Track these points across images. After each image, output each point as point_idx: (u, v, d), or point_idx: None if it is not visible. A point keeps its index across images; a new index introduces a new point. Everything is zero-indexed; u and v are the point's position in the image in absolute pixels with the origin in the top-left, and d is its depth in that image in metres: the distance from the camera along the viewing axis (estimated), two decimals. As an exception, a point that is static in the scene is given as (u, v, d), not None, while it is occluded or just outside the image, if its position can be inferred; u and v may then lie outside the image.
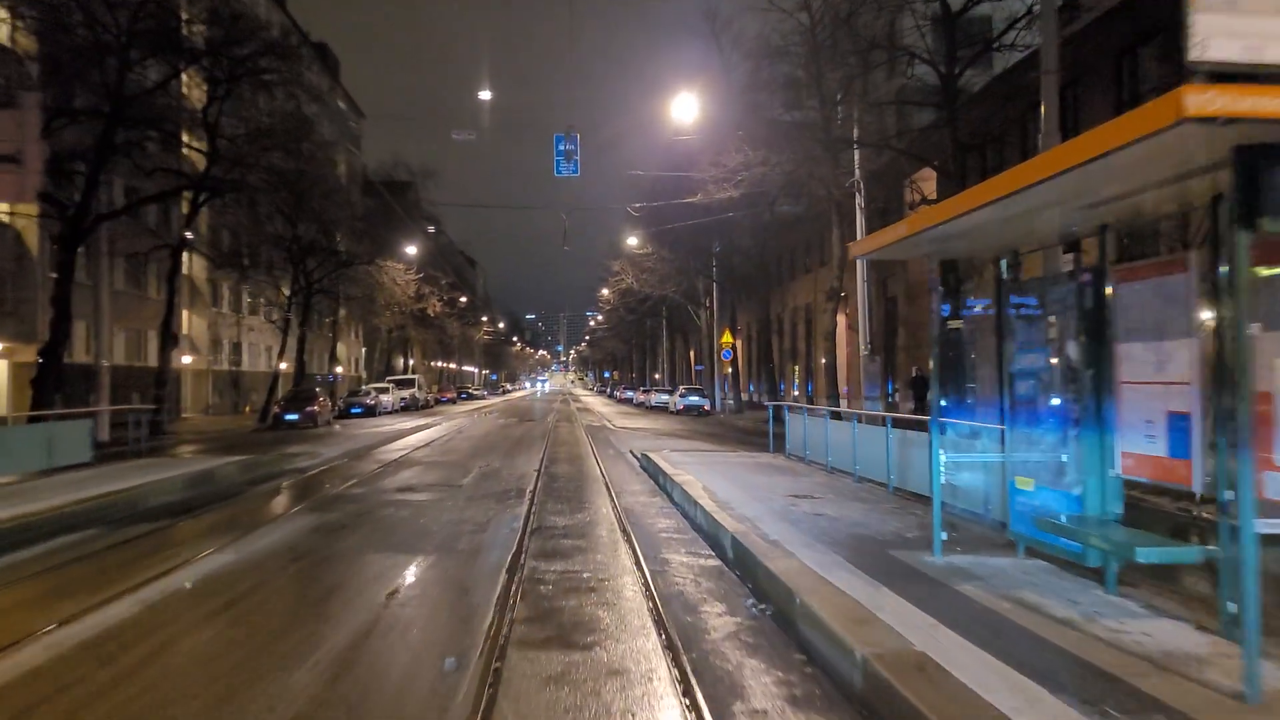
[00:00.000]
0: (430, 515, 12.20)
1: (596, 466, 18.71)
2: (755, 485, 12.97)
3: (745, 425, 38.92)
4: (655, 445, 23.40)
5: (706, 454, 18.98)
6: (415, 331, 70.06)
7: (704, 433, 33.31)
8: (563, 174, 28.57)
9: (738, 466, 15.81)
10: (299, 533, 10.93)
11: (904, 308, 42.03)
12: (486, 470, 18.16)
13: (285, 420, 37.91)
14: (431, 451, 23.31)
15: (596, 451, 22.49)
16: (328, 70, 79.00)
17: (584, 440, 27.16)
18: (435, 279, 62.23)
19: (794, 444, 17.68)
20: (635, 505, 12.87)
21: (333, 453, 22.82)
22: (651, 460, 17.08)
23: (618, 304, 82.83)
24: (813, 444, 16.18)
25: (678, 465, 15.61)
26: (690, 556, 9.31)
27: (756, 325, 65.34)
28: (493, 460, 20.41)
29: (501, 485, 15.58)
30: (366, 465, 19.50)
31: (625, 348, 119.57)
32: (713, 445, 24.23)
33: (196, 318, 49.63)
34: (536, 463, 19.52)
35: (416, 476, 17.20)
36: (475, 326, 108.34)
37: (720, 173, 30.22)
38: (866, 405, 28.16)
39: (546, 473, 17.55)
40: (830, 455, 14.85)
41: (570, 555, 9.36)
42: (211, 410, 50.18)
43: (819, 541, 8.60)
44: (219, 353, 52.53)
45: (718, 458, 17.85)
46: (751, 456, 18.33)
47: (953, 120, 24.26)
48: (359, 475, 17.28)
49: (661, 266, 55.53)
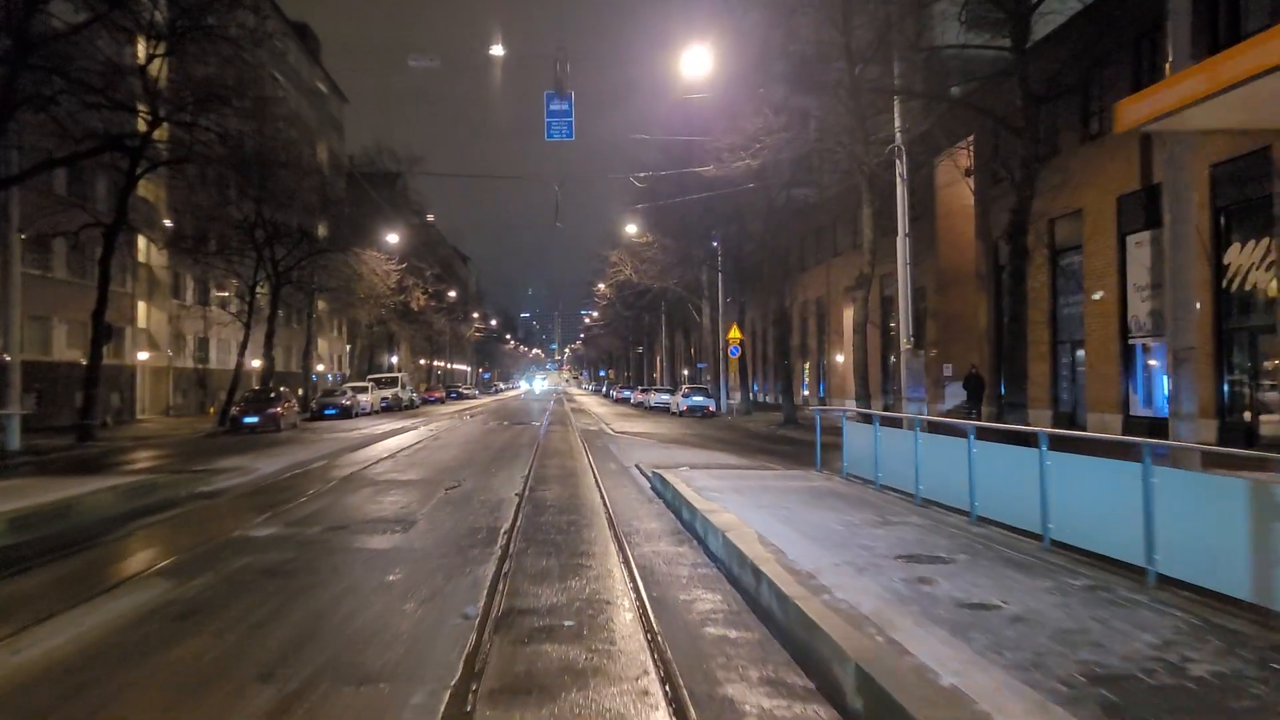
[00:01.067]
0: (346, 587, 8.05)
1: (596, 490, 14.60)
2: (831, 533, 8.86)
3: (759, 429, 34.82)
4: (665, 458, 19.30)
5: (735, 474, 14.84)
6: (398, 326, 65.80)
7: (716, 439, 29.20)
8: (555, 138, 24.44)
9: (788, 495, 11.69)
10: (115, 628, 6.77)
11: (934, 299, 37.96)
12: (454, 494, 14.04)
13: (244, 424, 33.77)
14: (395, 465, 19.18)
15: (595, 465, 18.37)
16: (307, 51, 74.76)
17: (579, 450, 23.05)
18: (420, 270, 58.00)
19: (854, 460, 13.57)
20: (657, 563, 8.75)
21: (274, 466, 18.68)
22: (668, 483, 12.98)
23: (614, 299, 78.75)
24: (888, 463, 12.05)
25: (706, 494, 11.50)
26: (781, 698, 5.17)
27: (768, 319, 61.21)
28: (466, 478, 16.29)
29: (468, 521, 11.45)
30: (305, 485, 15.36)
31: (622, 345, 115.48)
32: (734, 457, 20.14)
33: (155, 310, 45.41)
34: (520, 483, 15.41)
35: (360, 504, 13.08)
36: (466, 323, 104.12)
37: (738, 139, 26.12)
38: (910, 407, 24.08)
39: (531, 499, 13.43)
40: (921, 481, 10.71)
41: (556, 694, 5.22)
42: (173, 411, 45.97)
43: (1044, 694, 4.47)
44: (182, 349, 48.28)
45: (753, 479, 13.72)
46: (797, 478, 14.18)
47: (1022, 65, 20.16)
48: (284, 503, 13.14)
49: (663, 256, 51.47)
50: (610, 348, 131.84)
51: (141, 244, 43.45)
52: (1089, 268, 26.50)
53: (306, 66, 74.73)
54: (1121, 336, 25.16)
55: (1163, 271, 23.60)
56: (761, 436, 31.07)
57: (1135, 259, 24.73)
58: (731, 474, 14.55)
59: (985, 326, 33.00)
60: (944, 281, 37.45)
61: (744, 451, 23.04)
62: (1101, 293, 25.71)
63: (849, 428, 13.78)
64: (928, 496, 10.56)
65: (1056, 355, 28.54)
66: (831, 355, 51.39)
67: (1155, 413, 24.32)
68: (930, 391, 38.49)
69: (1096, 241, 26.07)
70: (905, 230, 24.78)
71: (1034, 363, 29.21)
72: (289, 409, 35.75)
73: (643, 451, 21.62)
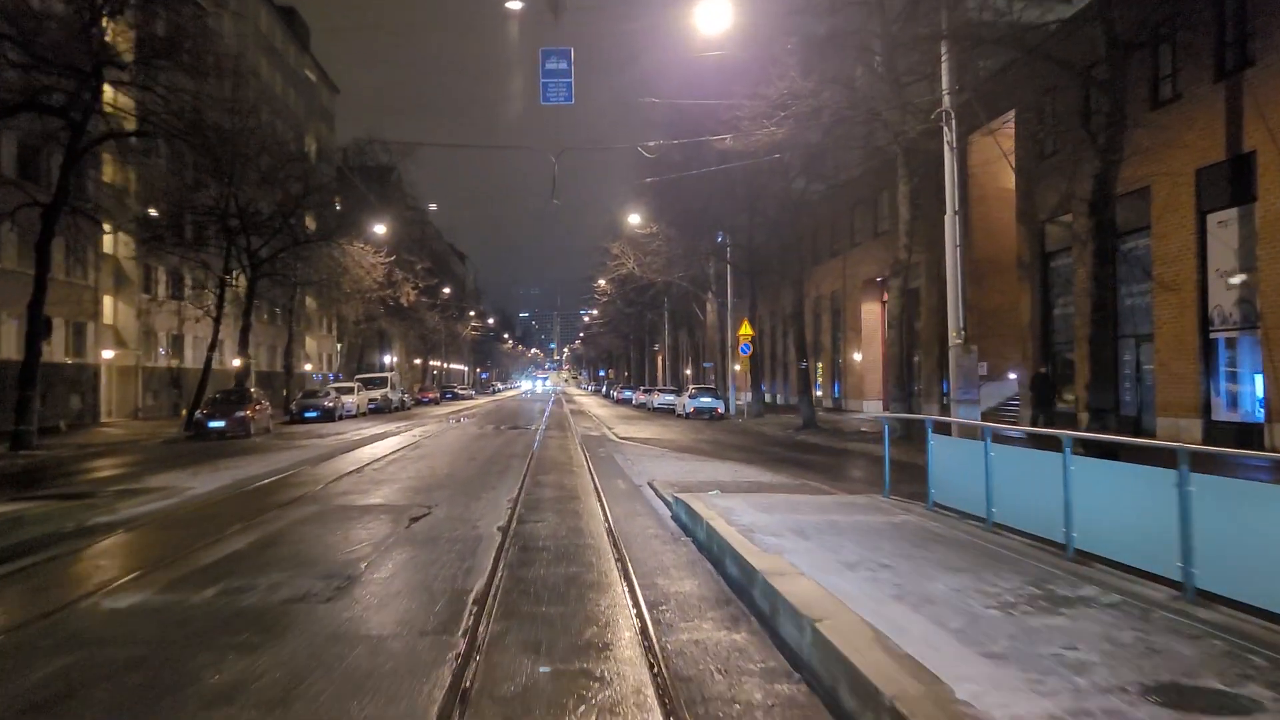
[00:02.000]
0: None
1: (602, 520, 11.39)
2: (987, 626, 5.60)
3: (776, 434, 31.62)
4: (682, 473, 16.09)
5: (783, 500, 11.53)
6: (389, 323, 62.49)
7: (732, 446, 25.99)
8: (552, 101, 21.24)
9: (872, 539, 8.44)
10: None
11: (969, 290, 34.64)
12: (420, 528, 10.84)
13: (209, 429, 30.58)
14: (360, 482, 15.96)
15: (599, 483, 15.14)
16: (295, 38, 71.50)
17: (579, 461, 19.85)
18: (410, 264, 54.70)
19: (946, 486, 10.30)
20: (706, 669, 5.51)
21: (213, 485, 15.46)
22: (697, 516, 9.78)
23: (615, 296, 75.58)
24: (1008, 493, 8.77)
25: (757, 536, 8.30)
26: None
27: (777, 315, 58.04)
28: (441, 501, 13.09)
29: (428, 577, 8.23)
30: (235, 515, 12.13)
31: (622, 344, 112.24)
32: (763, 471, 16.92)
33: (123, 305, 42.17)
34: (506, 509, 12.20)
35: (291, 546, 9.87)
36: (462, 321, 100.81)
37: (760, 105, 22.87)
38: (959, 411, 20.88)
39: (518, 537, 10.22)
40: (1076, 525, 7.43)
41: None
42: (142, 414, 42.73)
43: None
44: (152, 346, 45.03)
45: (809, 510, 10.40)
46: (868, 508, 10.86)
47: (1106, 5, 16.96)
48: (190, 544, 9.91)
49: (667, 248, 48.22)
50: (610, 347, 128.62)
51: (108, 233, 40.24)
52: (1159, 251, 23.29)
53: (294, 53, 71.48)
54: (1201, 329, 21.98)
55: (1256, 255, 20.55)
56: (782, 443, 27.87)
57: (1219, 240, 21.54)
58: (777, 500, 11.29)
59: (1029, 320, 29.81)
60: (979, 272, 34.23)
61: (770, 462, 19.83)
62: (1167, 279, 22.46)
63: (939, 443, 10.51)
64: (1086, 548, 7.31)
65: (1117, 352, 25.32)
66: (848, 353, 48.16)
67: (1244, 417, 21.13)
68: (1022, 394, 35.30)
69: (1169, 221, 22.87)
70: (955, 207, 21.62)
71: (1085, 363, 26.03)
72: (260, 412, 32.53)
73: (654, 464, 18.41)
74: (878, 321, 45.62)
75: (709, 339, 71.74)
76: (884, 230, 43.07)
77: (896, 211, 41.24)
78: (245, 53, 56.80)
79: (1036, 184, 29.05)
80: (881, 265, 43.06)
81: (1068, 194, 27.12)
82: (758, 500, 11.17)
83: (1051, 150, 28.66)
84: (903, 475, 16.43)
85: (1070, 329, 27.69)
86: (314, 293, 51.08)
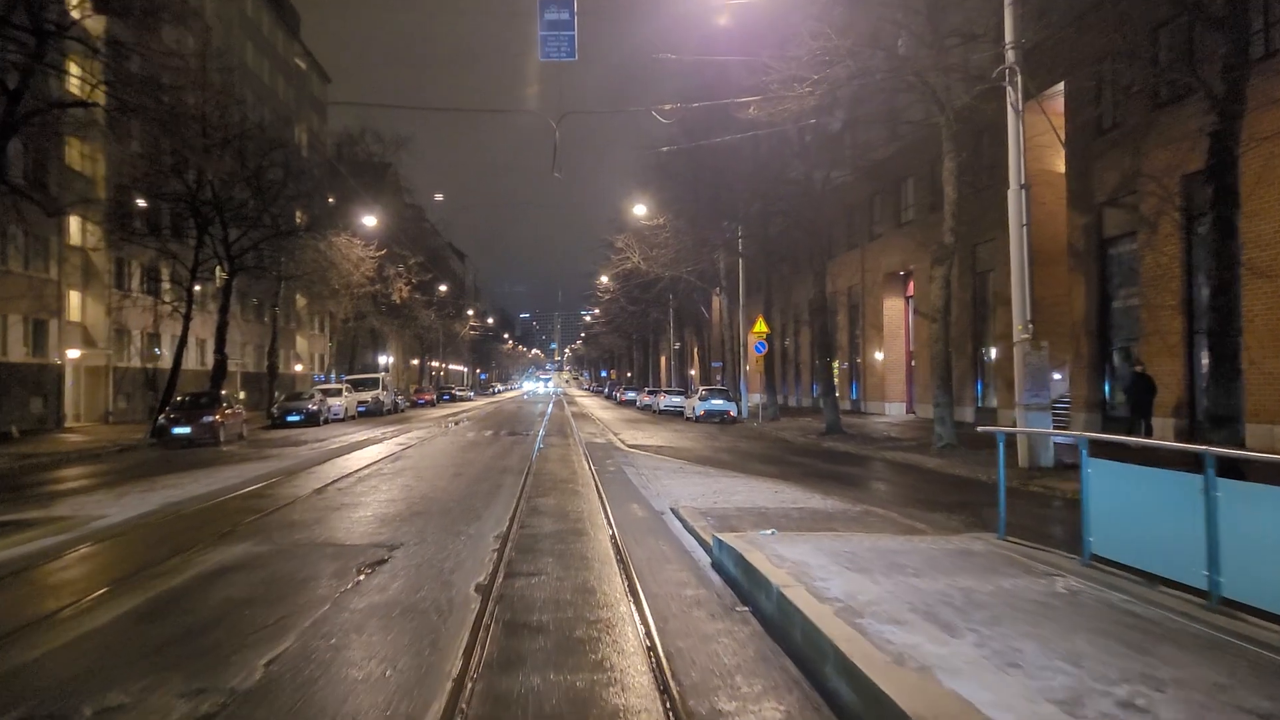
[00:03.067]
0: None
1: (620, 572, 8.40)
2: None
3: (798, 440, 28.64)
4: (712, 495, 13.10)
5: (866, 547, 8.40)
6: (380, 321, 59.44)
7: (756, 455, 23.02)
8: (552, 58, 18.30)
9: (1055, 625, 5.46)
10: None
11: (1008, 283, 31.46)
12: (367, 590, 7.86)
13: (174, 435, 27.64)
14: (318, 507, 12.98)
15: (610, 511, 12.14)
16: (284, 25, 68.50)
17: (585, 476, 16.87)
18: (402, 258, 51.71)
19: (1113, 532, 7.20)
20: None
21: (132, 512, 12.46)
22: (757, 577, 6.80)
23: (618, 293, 72.53)
24: (1243, 555, 5.75)
25: (869, 623, 5.34)
26: None
27: (789, 313, 55.04)
28: (408, 540, 10.12)
29: (353, 698, 5.26)
30: (136, 556, 9.19)
31: (625, 344, 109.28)
32: (809, 491, 13.91)
33: (91, 301, 39.19)
34: (490, 555, 9.21)
35: (175, 624, 6.90)
36: (459, 321, 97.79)
37: (791, 67, 19.87)
38: (1029, 418, 17.90)
39: (504, 607, 7.21)
40: None
41: None
42: (113, 417, 39.77)
43: None
44: (125, 346, 42.05)
45: (923, 570, 7.09)
46: (995, 562, 7.75)
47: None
48: (32, 622, 6.95)
49: (675, 240, 45.24)
50: (612, 347, 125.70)
51: (75, 224, 37.33)
52: (1252, 233, 20.26)
53: (283, 40, 68.49)
54: (1303, 322, 19.01)
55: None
56: (809, 451, 24.91)
57: (1332, 218, 18.56)
58: (859, 546, 8.22)
59: (1083, 314, 26.81)
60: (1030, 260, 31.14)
61: (807, 478, 16.85)
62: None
63: (1098, 470, 7.43)
64: None
65: (1192, 349, 22.34)
66: (868, 352, 45.15)
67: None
68: (1002, 395, 32.34)
69: (1264, 197, 19.87)
70: (1020, 180, 18.67)
71: (1159, 358, 23.07)
72: (231, 417, 29.55)
73: (674, 481, 15.43)
74: (901, 318, 42.65)
75: (715, 338, 68.75)
76: (908, 220, 40.12)
77: (914, 199, 38.56)
78: (230, 39, 53.97)
79: (1092, 163, 26.06)
80: (906, 257, 40.10)
81: (1132, 171, 24.15)
82: (831, 545, 8.17)
83: (1110, 124, 25.67)
84: (974, 497, 13.42)
85: (1134, 323, 24.71)
86: (300, 288, 48.01)
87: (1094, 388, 26.49)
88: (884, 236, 43.03)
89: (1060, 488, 14.97)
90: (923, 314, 38.95)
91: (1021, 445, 18.02)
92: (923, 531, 9.62)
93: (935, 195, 37.62)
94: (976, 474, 17.79)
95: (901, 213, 41.04)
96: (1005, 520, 8.84)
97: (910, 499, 14.05)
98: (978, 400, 34.19)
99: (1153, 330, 23.40)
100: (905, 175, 39.51)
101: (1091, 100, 26.19)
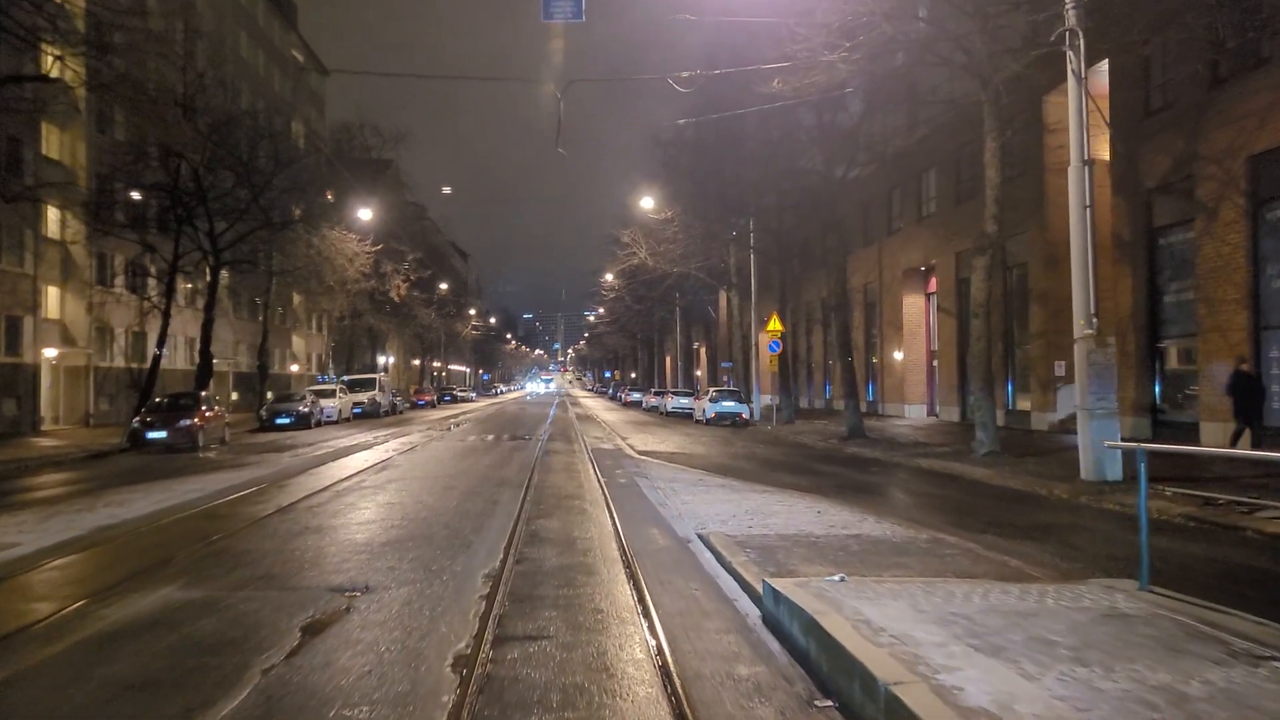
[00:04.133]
0: None
1: (646, 633, 6.40)
2: None
3: (818, 445, 26.67)
4: (744, 517, 11.10)
5: (982, 606, 6.31)
6: (378, 320, 57.40)
7: (780, 464, 21.00)
8: (557, 18, 16.36)
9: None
10: None
11: (1040, 278, 29.66)
12: (305, 668, 5.87)
13: (148, 440, 25.69)
14: (280, 530, 10.99)
15: (626, 539, 10.14)
16: (280, 15, 66.52)
17: (593, 490, 14.87)
18: (400, 254, 49.66)
19: None
20: None
21: (53, 539, 10.46)
22: (844, 658, 4.82)
23: (623, 291, 70.51)
24: None
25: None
26: None
27: (801, 312, 53.01)
28: (379, 580, 8.14)
29: None
30: (11, 609, 7.20)
31: (629, 344, 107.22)
32: (852, 508, 11.89)
33: (71, 297, 37.23)
34: (475, 610, 7.20)
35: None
36: (461, 320, 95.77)
37: (822, 35, 17.85)
38: (1094, 426, 15.84)
39: (485, 692, 5.21)
40: None
41: None
42: (95, 420, 37.79)
43: None
44: (108, 345, 40.08)
45: (1087, 653, 5.20)
46: (1191, 642, 5.68)
47: None
48: None
49: (684, 235, 43.28)
50: (616, 347, 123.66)
51: (53, 217, 35.35)
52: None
53: (279, 31, 66.51)
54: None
55: None
56: (834, 458, 22.90)
57: None
58: (972, 607, 6.17)
59: (1129, 309, 24.77)
60: (1056, 256, 29.10)
61: (842, 491, 14.84)
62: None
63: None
64: None
65: (1259, 347, 20.30)
66: (886, 351, 43.07)
67: None
68: (1038, 397, 30.31)
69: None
70: (1085, 155, 16.61)
71: (1218, 357, 21.03)
72: (213, 420, 27.58)
73: (695, 497, 13.42)
74: (921, 315, 40.61)
75: (722, 337, 66.71)
76: (930, 214, 38.13)
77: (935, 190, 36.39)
78: (223, 28, 52.03)
79: (1140, 146, 24.05)
80: (927, 252, 38.08)
81: (1187, 154, 22.13)
82: (930, 601, 6.15)
83: (1161, 104, 23.65)
84: (1048, 517, 11.42)
85: (1188, 318, 22.69)
86: (292, 284, 46.05)
87: (1143, 389, 24.47)
88: (903, 232, 41.01)
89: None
90: (946, 310, 36.91)
91: (1084, 454, 16.01)
92: (1032, 576, 7.57)
93: (960, 185, 35.64)
94: (1033, 486, 15.81)
95: (923, 205, 39.04)
96: (1147, 566, 6.78)
97: (975, 520, 12.02)
98: (1008, 403, 32.13)
99: (1211, 326, 21.39)
100: (927, 166, 37.50)
101: (1139, 78, 24.20)
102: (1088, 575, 7.78)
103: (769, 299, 42.52)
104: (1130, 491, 14.37)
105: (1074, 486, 15.30)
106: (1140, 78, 24.14)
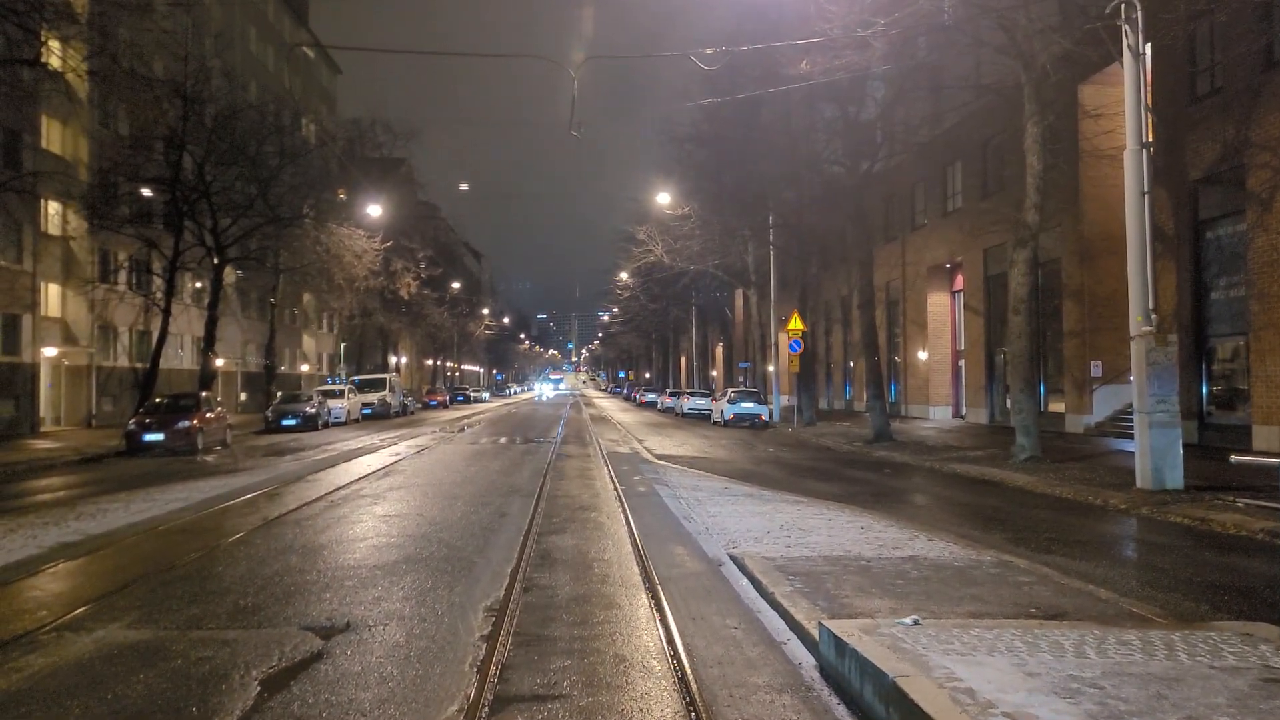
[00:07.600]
0: None
1: (679, 695, 5.20)
2: None
3: (843, 449, 25.45)
4: (779, 533, 9.93)
5: (1087, 658, 5.15)
6: (388, 319, 56.36)
7: (807, 469, 19.78)
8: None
9: None
10: None
11: (1074, 274, 28.32)
12: (277, 713, 4.70)
13: (144, 442, 24.68)
14: (260, 549, 9.87)
15: (649, 559, 8.97)
16: (291, 11, 65.59)
17: (610, 500, 13.69)
18: (410, 251, 48.60)
19: None
20: None
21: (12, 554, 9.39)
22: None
23: (638, 290, 69.40)
24: None
25: None
26: None
27: (819, 310, 51.70)
28: (361, 618, 7.00)
29: None
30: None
31: (644, 343, 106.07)
32: (897, 523, 10.68)
33: (72, 295, 36.24)
34: (472, 659, 6.04)
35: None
36: (474, 320, 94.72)
37: (856, 13, 16.64)
38: (1154, 434, 14.55)
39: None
40: None
41: None
42: (96, 421, 36.83)
43: None
44: (111, 343, 39.13)
45: None
46: None
47: None
48: None
49: (701, 231, 42.09)
50: (631, 347, 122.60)
51: (53, 212, 34.40)
52: None
53: (289, 27, 65.57)
54: None
55: None
56: (862, 462, 21.66)
57: None
58: (1086, 659, 5.00)
59: (1172, 306, 23.40)
60: (1090, 251, 27.91)
61: (879, 500, 13.63)
62: None
63: None
64: None
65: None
66: (909, 351, 41.74)
67: None
68: (1073, 399, 28.99)
69: None
70: (1145, 137, 15.33)
71: (1274, 356, 19.75)
72: (213, 421, 26.54)
73: (723, 508, 12.24)
74: (946, 314, 39.28)
75: (738, 336, 65.46)
76: (955, 209, 36.81)
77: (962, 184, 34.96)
78: (231, 23, 51.11)
79: (1185, 133, 22.74)
80: (952, 248, 36.77)
81: (1237, 142, 20.83)
82: (1039, 660, 4.95)
83: (1208, 89, 22.34)
84: (1113, 529, 9.95)
85: (1238, 315, 21.39)
86: (300, 281, 45.01)
87: (1189, 391, 23.10)
88: (926, 228, 39.72)
89: (1215, 519, 11.70)
90: (973, 309, 35.61)
91: (1141, 461, 14.75)
92: (1139, 615, 6.34)
93: (987, 179, 34.30)
94: (1084, 496, 14.56)
95: (948, 200, 37.73)
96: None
97: (1034, 537, 10.80)
98: (1040, 405, 30.76)
99: (1265, 324, 20.09)
100: (952, 159, 36.20)
101: (1185, 62, 22.89)
102: (1206, 614, 6.56)
103: (787, 297, 41.33)
104: (1196, 503, 13.12)
105: (1131, 496, 14.05)
106: (1186, 61, 22.83)
